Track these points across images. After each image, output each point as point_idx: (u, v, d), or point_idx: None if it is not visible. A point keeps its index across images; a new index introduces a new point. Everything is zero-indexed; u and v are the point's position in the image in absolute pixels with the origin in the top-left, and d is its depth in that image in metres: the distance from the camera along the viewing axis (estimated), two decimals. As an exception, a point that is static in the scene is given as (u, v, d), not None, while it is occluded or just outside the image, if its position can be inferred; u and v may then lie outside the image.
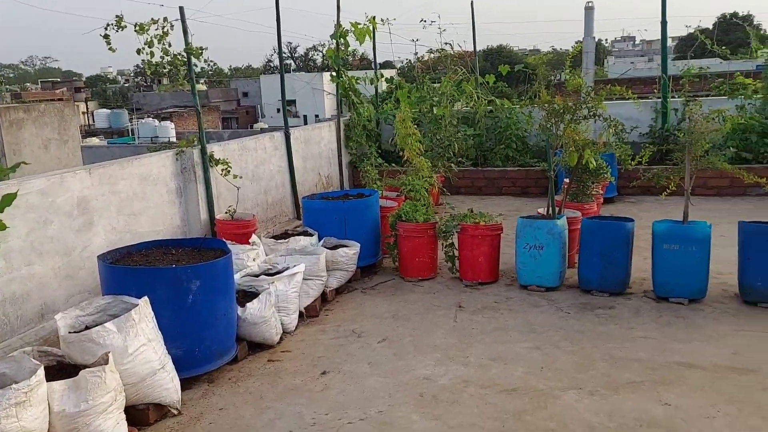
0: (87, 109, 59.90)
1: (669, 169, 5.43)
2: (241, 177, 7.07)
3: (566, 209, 6.42)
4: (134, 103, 61.35)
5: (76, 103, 56.00)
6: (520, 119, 10.30)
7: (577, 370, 4.10)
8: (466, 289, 5.80)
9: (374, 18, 8.97)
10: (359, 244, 5.82)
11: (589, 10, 10.22)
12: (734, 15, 55.14)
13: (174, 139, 35.61)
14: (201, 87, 67.07)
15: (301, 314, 5.12)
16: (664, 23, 10.03)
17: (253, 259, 5.28)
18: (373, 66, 11.65)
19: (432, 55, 10.81)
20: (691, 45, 11.79)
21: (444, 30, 10.13)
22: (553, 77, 9.63)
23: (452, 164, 8.70)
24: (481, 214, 5.99)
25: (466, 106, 10.67)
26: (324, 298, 5.50)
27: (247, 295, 4.78)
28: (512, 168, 10.10)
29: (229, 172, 6.87)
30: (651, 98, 10.79)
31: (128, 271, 4.07)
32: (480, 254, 5.81)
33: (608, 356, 4.29)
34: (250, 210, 7.56)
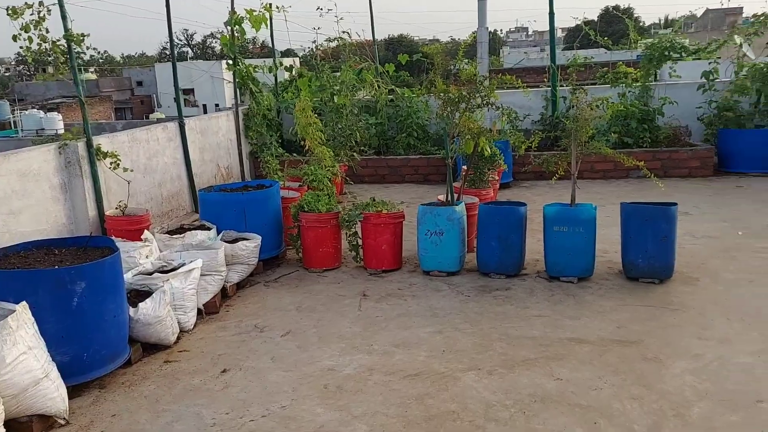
0: (-37, 100, 54.99)
1: (557, 155, 5.69)
2: (132, 170, 6.73)
3: (465, 195, 6.59)
4: (16, 94, 56.89)
5: (-53, 94, 51.24)
6: (420, 108, 10.46)
7: (477, 351, 4.22)
8: (370, 277, 5.83)
9: (270, 5, 8.76)
10: (260, 237, 5.70)
11: (482, 1, 10.48)
12: (616, 8, 58.71)
13: (62, 131, 33.37)
14: (90, 76, 63.14)
15: (200, 311, 4.95)
16: (551, 15, 10.49)
17: (146, 257, 5.04)
18: (272, 54, 11.42)
19: (330, 44, 10.72)
20: (579, 36, 12.39)
21: (341, 18, 10.10)
22: (451, 66, 9.82)
23: (355, 153, 8.71)
24: (383, 203, 6.03)
25: (368, 96, 10.71)
26: (224, 293, 5.35)
27: (140, 295, 4.56)
28: (414, 156, 10.25)
29: (118, 165, 6.52)
30: (542, 87, 11.28)
31: (3, 274, 3.76)
32: (383, 242, 5.85)
33: (505, 335, 4.45)
34: (144, 205, 7.23)
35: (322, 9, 10.05)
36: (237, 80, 9.73)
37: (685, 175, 9.59)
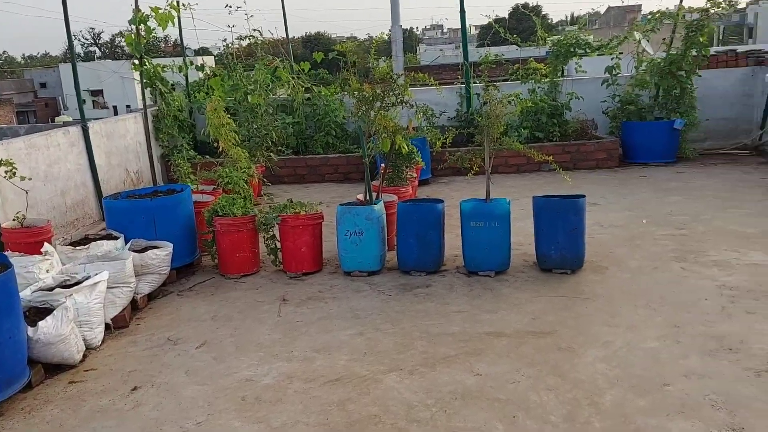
0: None
1: (472, 151, 5.77)
2: (30, 179, 6.30)
3: (384, 194, 6.59)
4: None
5: None
6: (338, 106, 10.39)
7: (398, 351, 4.21)
8: (290, 281, 5.72)
9: (177, 2, 8.41)
10: (171, 244, 5.47)
11: (395, -1, 10.54)
12: (525, 6, 60.75)
13: (-46, 137, 31.06)
14: (-14, 77, 59.12)
15: (108, 326, 4.69)
16: (462, 12, 10.68)
17: (47, 271, 4.71)
18: (182, 53, 11.02)
19: (242, 42, 10.46)
20: (490, 33, 12.69)
21: (251, 16, 9.85)
22: (369, 64, 9.82)
23: (271, 154, 8.54)
24: (300, 204, 5.92)
25: (285, 95, 10.53)
26: (135, 305, 5.10)
27: (40, 312, 4.26)
28: (333, 155, 10.18)
29: (15, 173, 6.08)
30: (457, 84, 11.46)
31: None
32: (302, 244, 5.75)
33: (426, 333, 4.47)
34: (46, 214, 6.82)
35: (230, 6, 9.78)
36: (144, 80, 9.31)
37: (593, 167, 10.01)
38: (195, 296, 5.45)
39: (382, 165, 7.38)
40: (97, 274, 4.60)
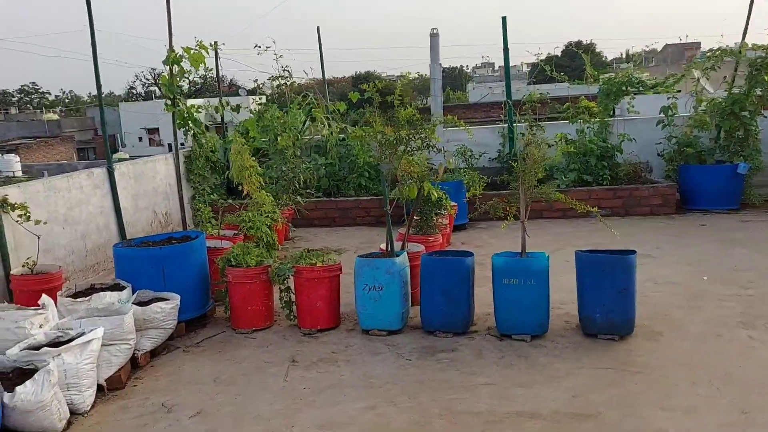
0: None
1: (506, 198, 5.24)
2: (45, 222, 6.08)
3: (411, 243, 6.10)
4: (-28, 135, 55.55)
5: None
6: (373, 147, 10.03)
7: (412, 433, 3.66)
8: (303, 338, 5.25)
9: (203, 43, 8.29)
10: (179, 297, 5.09)
11: (434, 37, 10.20)
12: (578, 43, 59.97)
13: (20, 173, 32.30)
14: (52, 116, 62.07)
15: (101, 388, 4.31)
16: (506, 50, 10.24)
17: (40, 326, 4.39)
18: (218, 93, 10.93)
19: (274, 83, 10.27)
20: (536, 71, 12.19)
21: (280, 56, 9.64)
22: (419, 102, 9.47)
23: (298, 197, 8.19)
24: (317, 254, 5.49)
25: (320, 135, 10.27)
26: (135, 363, 4.71)
27: (24, 374, 3.92)
28: (365, 197, 9.77)
29: (29, 218, 5.87)
30: (500, 123, 10.96)
31: None
32: (317, 298, 5.29)
33: (447, 410, 3.90)
34: (65, 259, 6.60)
35: (260, 46, 9.62)
36: (178, 121, 9.18)
37: (647, 213, 9.27)
38: (201, 353, 5.03)
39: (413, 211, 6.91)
40: (91, 331, 4.24)
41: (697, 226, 8.41)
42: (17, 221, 5.79)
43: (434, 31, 10.35)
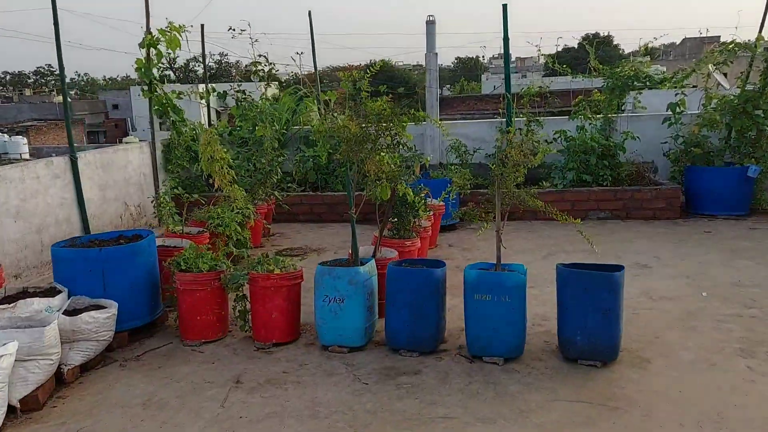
0: (-66, 121, 53.52)
1: (481, 205, 4.71)
2: (-12, 216, 5.66)
3: (384, 248, 5.61)
4: (-16, 116, 55.58)
5: None
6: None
7: (350, 478, 3.18)
8: (256, 353, 4.77)
9: (178, 25, 7.78)
10: (116, 305, 4.63)
11: (430, 24, 9.62)
12: (595, 35, 58.78)
13: (27, 156, 32.12)
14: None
15: (13, 409, 3.86)
16: (506, 39, 9.62)
17: (-49, 337, 3.94)
18: (205, 79, 10.45)
19: (251, 69, 9.73)
20: (535, 65, 11.56)
21: (256, 41, 9.11)
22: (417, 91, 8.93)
23: (275, 192, 7.71)
24: (276, 260, 4.99)
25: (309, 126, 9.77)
26: (61, 379, 4.26)
27: None
28: (354, 193, 9.23)
29: (-32, 211, 5.44)
30: (497, 117, 10.39)
31: None
32: (273, 309, 4.81)
33: (395, 450, 3.42)
34: (16, 255, 6.19)
35: (234, 29, 9.09)
36: (155, 107, 8.72)
37: (650, 217, 8.69)
38: (138, 369, 4.56)
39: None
40: (4, 345, 3.79)
41: (701, 234, 7.83)
42: (-47, 215, 5.36)
43: (431, 18, 9.76)
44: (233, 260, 5.64)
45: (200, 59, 7.89)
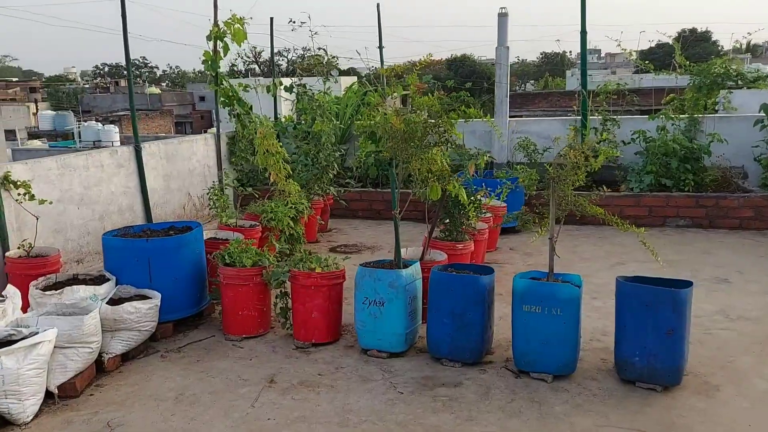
0: (37, 110, 57.53)
1: (537, 211, 4.38)
2: (51, 202, 5.83)
3: (434, 250, 5.37)
4: (84, 106, 59.14)
5: (27, 104, 53.56)
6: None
7: (369, 496, 2.99)
8: (294, 352, 4.66)
9: (242, 18, 7.79)
10: (160, 296, 4.64)
11: (502, 17, 9.20)
12: (693, 31, 55.56)
13: (118, 143, 33.89)
14: (154, 90, 65.03)
15: (52, 395, 3.91)
16: (583, 33, 9.09)
17: (-3, 320, 4.04)
18: (272, 73, 10.50)
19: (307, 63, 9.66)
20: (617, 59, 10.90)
21: (316, 33, 9.01)
22: (516, 87, 8.66)
23: (331, 188, 7.61)
24: (318, 258, 4.86)
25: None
26: (101, 368, 4.30)
27: (-38, 375, 3.57)
28: (401, 191, 9.02)
29: (33, 196, 5.62)
30: (571, 115, 9.87)
31: None
32: (313, 308, 4.68)
33: (422, 469, 3.19)
34: (78, 241, 6.36)
35: (294, 21, 9.02)
36: (222, 100, 8.81)
37: (735, 227, 7.97)
38: (178, 361, 4.55)
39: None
40: (44, 331, 3.84)
41: (794, 247, 7.10)
42: (17, 200, 5.54)
43: (503, 10, 9.35)
44: (286, 255, 5.58)
45: (284, 53, 7.85)
